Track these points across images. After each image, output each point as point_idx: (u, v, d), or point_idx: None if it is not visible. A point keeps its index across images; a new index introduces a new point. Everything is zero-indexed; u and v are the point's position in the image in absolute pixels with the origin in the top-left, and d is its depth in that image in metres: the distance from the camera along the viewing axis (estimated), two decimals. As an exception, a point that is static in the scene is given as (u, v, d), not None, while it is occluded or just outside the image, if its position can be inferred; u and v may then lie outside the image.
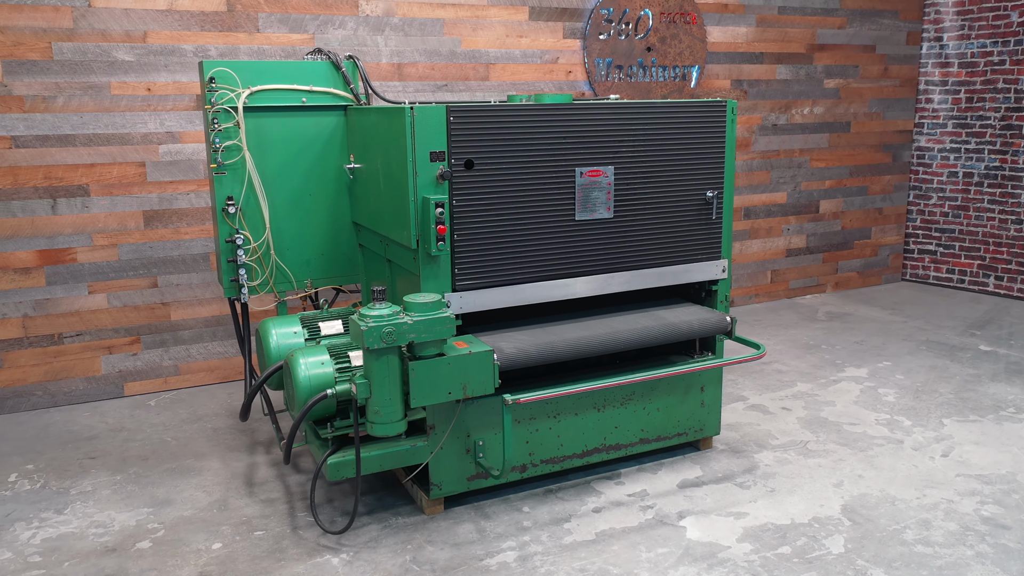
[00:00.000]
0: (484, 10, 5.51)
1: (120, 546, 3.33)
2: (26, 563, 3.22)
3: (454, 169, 3.30)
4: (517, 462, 3.65)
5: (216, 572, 3.14)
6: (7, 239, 4.58)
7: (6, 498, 3.75)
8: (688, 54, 6.24)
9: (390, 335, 2.96)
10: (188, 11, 4.75)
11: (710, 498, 3.67)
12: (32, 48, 4.46)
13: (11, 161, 4.52)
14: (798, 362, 5.52)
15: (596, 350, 3.55)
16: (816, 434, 4.34)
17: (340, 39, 5.15)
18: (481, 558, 3.21)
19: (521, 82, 5.72)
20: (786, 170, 6.95)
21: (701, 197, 3.83)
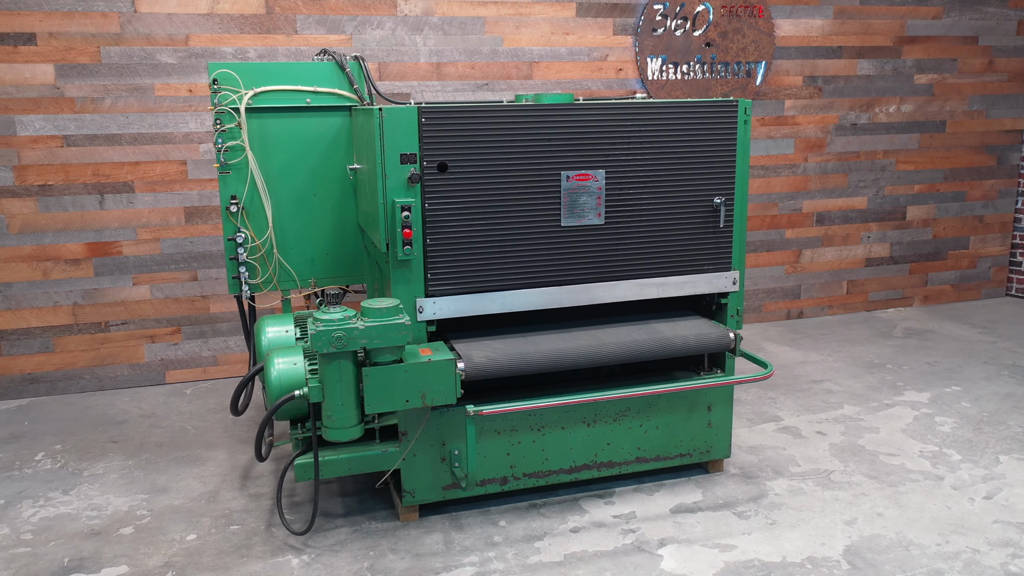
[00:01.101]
0: (528, 7, 5.39)
1: (105, 530, 3.47)
2: (18, 540, 3.40)
3: (426, 172, 3.21)
4: (497, 474, 3.53)
5: (180, 563, 3.21)
6: (59, 232, 4.88)
7: (25, 476, 3.99)
8: (752, 49, 5.87)
9: (339, 339, 2.92)
10: (228, 14, 4.89)
11: (701, 526, 3.42)
12: (82, 52, 4.73)
13: (63, 159, 4.81)
14: (853, 382, 5.08)
15: (575, 363, 3.37)
16: (845, 463, 3.97)
17: (378, 39, 5.17)
18: (438, 572, 3.12)
19: (567, 80, 5.56)
20: (867, 173, 6.42)
21: (708, 204, 3.57)
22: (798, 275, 6.43)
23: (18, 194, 4.78)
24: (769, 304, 6.40)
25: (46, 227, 4.86)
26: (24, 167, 4.76)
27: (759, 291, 6.35)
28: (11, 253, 4.84)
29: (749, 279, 6.30)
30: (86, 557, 3.25)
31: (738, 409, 4.67)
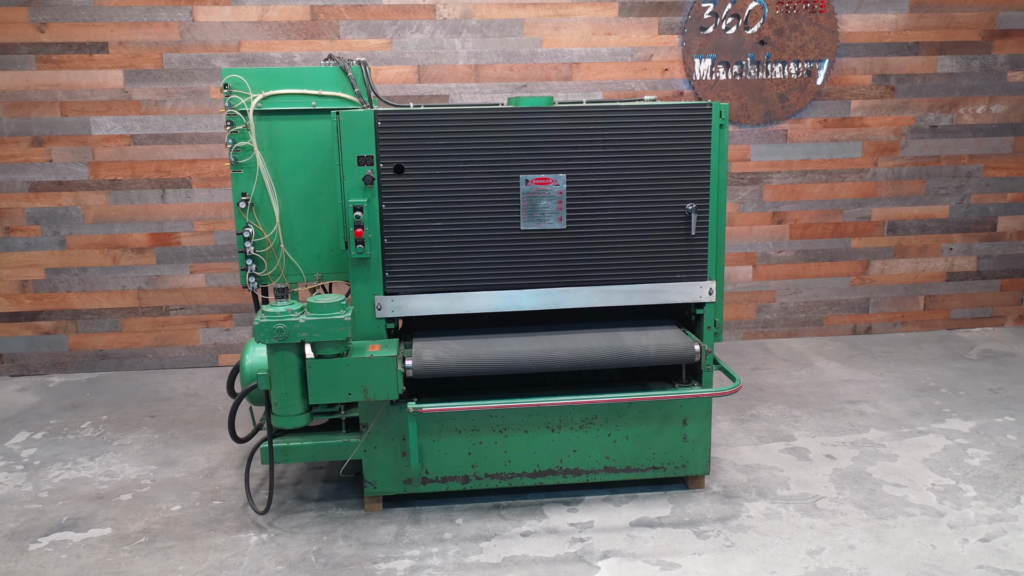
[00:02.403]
0: (568, 8, 5.37)
1: (108, 495, 3.82)
2: (35, 497, 3.82)
3: (383, 174, 3.32)
4: (458, 472, 3.59)
5: (156, 531, 3.49)
6: (126, 222, 5.39)
7: (67, 441, 4.46)
8: (813, 47, 5.55)
9: (281, 332, 3.08)
10: (276, 21, 5.21)
11: (653, 542, 3.33)
12: (147, 59, 5.18)
13: (130, 156, 5.30)
14: (892, 405, 4.72)
15: (526, 367, 3.37)
16: (840, 490, 3.72)
17: (417, 43, 5.33)
18: (375, 562, 3.23)
19: (608, 81, 5.49)
20: (949, 179, 5.91)
21: (680, 211, 3.46)
22: (866, 287, 6.02)
23: (92, 187, 5.32)
24: (832, 317, 6.03)
25: (115, 218, 5.38)
26: (97, 163, 5.29)
27: (820, 303, 6.00)
28: (86, 241, 5.39)
29: (808, 289, 5.97)
30: (82, 518, 3.61)
31: (751, 425, 4.47)
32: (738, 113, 5.61)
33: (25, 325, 5.47)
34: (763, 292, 5.94)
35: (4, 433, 4.57)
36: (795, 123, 5.69)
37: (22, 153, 5.24)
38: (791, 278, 5.94)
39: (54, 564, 3.24)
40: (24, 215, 5.32)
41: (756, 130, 5.67)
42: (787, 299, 5.97)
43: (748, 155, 5.71)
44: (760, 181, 5.76)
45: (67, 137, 5.24)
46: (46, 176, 5.28)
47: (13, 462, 4.19)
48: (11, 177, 5.26)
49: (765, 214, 5.82)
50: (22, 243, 5.36)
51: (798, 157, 5.75)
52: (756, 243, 5.85)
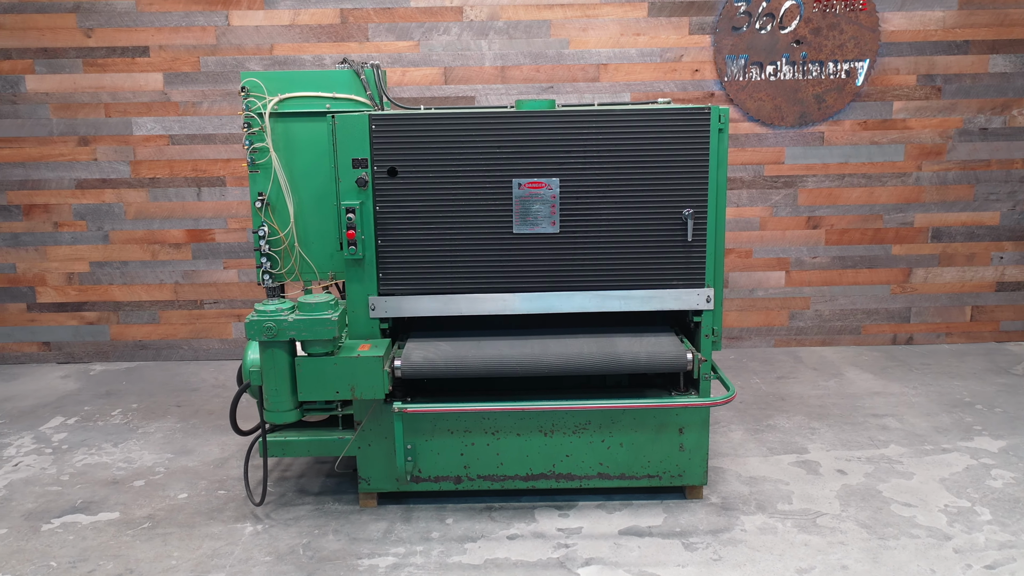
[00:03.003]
0: (595, 9, 5.32)
1: (123, 481, 3.99)
2: (56, 479, 4.02)
3: (377, 176, 3.36)
4: (451, 473, 3.61)
5: (160, 517, 3.63)
6: (165, 219, 5.60)
7: (97, 427, 4.67)
8: (852, 46, 5.36)
9: (270, 329, 3.16)
10: (307, 25, 5.33)
11: (639, 552, 3.28)
12: (185, 62, 5.38)
13: (168, 155, 5.51)
14: (920, 420, 4.52)
15: (513, 371, 3.36)
16: (845, 507, 3.59)
17: (444, 45, 5.37)
18: (360, 557, 3.28)
19: (637, 82, 5.42)
20: (1000, 185, 5.62)
21: (676, 216, 3.39)
22: (907, 296, 5.78)
23: (133, 185, 5.55)
24: (870, 326, 5.82)
25: (154, 214, 5.60)
26: (138, 162, 5.52)
27: (858, 311, 5.79)
28: (128, 236, 5.63)
29: (845, 297, 5.77)
30: (94, 501, 3.78)
31: (765, 436, 4.35)
32: (771, 115, 5.46)
33: (71, 315, 5.75)
34: (796, 299, 5.77)
35: (41, 417, 4.82)
36: (832, 125, 5.51)
37: (70, 152, 5.51)
38: (826, 285, 5.75)
39: (60, 545, 3.41)
40: (71, 211, 5.59)
41: (790, 132, 5.51)
42: (822, 306, 5.79)
43: (782, 158, 5.56)
44: (794, 185, 5.60)
45: (111, 137, 5.48)
46: (91, 174, 5.54)
47: (43, 445, 4.42)
48: (60, 175, 5.54)
49: (799, 218, 5.65)
50: (69, 237, 5.63)
51: (835, 160, 5.56)
52: (789, 248, 5.69)
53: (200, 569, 3.22)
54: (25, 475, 4.06)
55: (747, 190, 5.60)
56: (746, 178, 5.58)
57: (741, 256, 5.70)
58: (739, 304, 5.77)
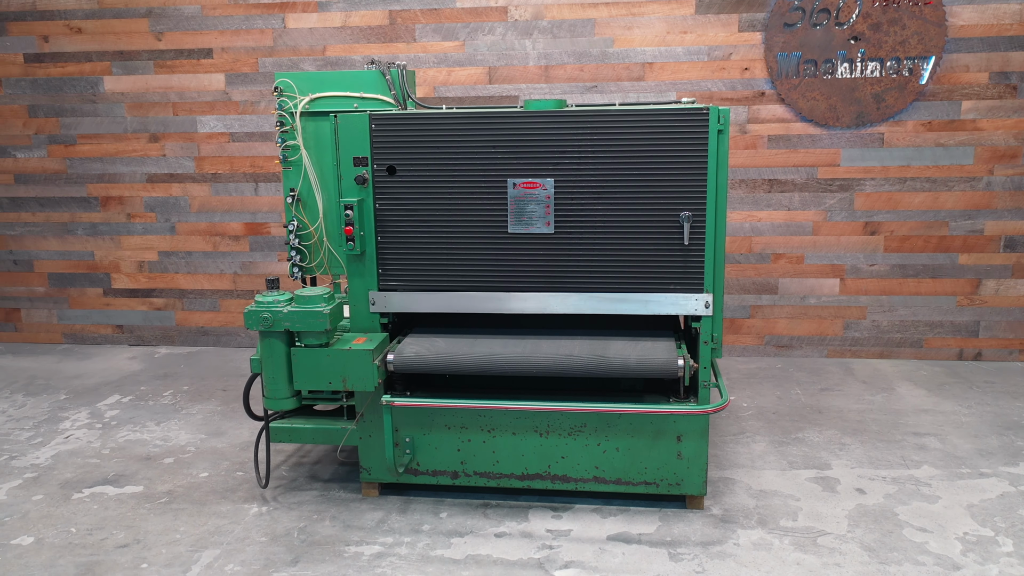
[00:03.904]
0: (641, 6, 5.24)
1: (155, 457, 4.25)
2: (98, 453, 4.32)
3: (377, 174, 3.45)
4: (448, 468, 3.66)
5: (178, 493, 3.85)
6: (225, 212, 5.90)
7: (147, 407, 4.98)
8: (915, 42, 5.05)
9: (266, 320, 3.30)
10: (358, 26, 5.49)
11: (622, 559, 3.23)
12: (245, 63, 5.65)
13: (229, 152, 5.80)
14: (963, 442, 4.23)
15: (502, 369, 3.37)
16: (853, 528, 3.41)
17: (489, 44, 5.42)
18: (348, 544, 3.37)
19: (683, 81, 5.30)
20: (1084, 191, 5.18)
21: (674, 220, 3.31)
22: (976, 309, 5.41)
23: (197, 180, 5.88)
24: (933, 339, 5.47)
25: (216, 208, 5.91)
26: (202, 158, 5.84)
27: (919, 323, 5.46)
28: (192, 228, 5.97)
29: (906, 307, 5.45)
30: (124, 475, 4.05)
31: (789, 449, 4.18)
32: (826, 115, 5.22)
33: (141, 301, 6.15)
34: (852, 308, 5.50)
35: (101, 395, 5.18)
36: (893, 126, 5.21)
37: (142, 148, 5.88)
38: (885, 294, 5.45)
39: (84, 513, 3.67)
40: (143, 203, 5.98)
41: (847, 133, 5.25)
42: (879, 317, 5.49)
43: (837, 160, 5.30)
44: (850, 188, 5.33)
45: (178, 134, 5.82)
46: (160, 169, 5.90)
47: (96, 420, 4.75)
48: (133, 169, 5.93)
49: (855, 224, 5.38)
50: (140, 228, 6.02)
51: (896, 163, 5.26)
52: (844, 255, 5.43)
53: (199, 544, 3.39)
54: (72, 447, 4.39)
55: (799, 193, 5.37)
56: (798, 181, 5.36)
57: (792, 261, 5.48)
58: (789, 311, 5.55)
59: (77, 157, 5.96)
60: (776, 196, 5.40)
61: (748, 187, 5.40)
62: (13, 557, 3.32)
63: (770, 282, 5.53)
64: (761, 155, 5.35)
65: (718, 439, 4.33)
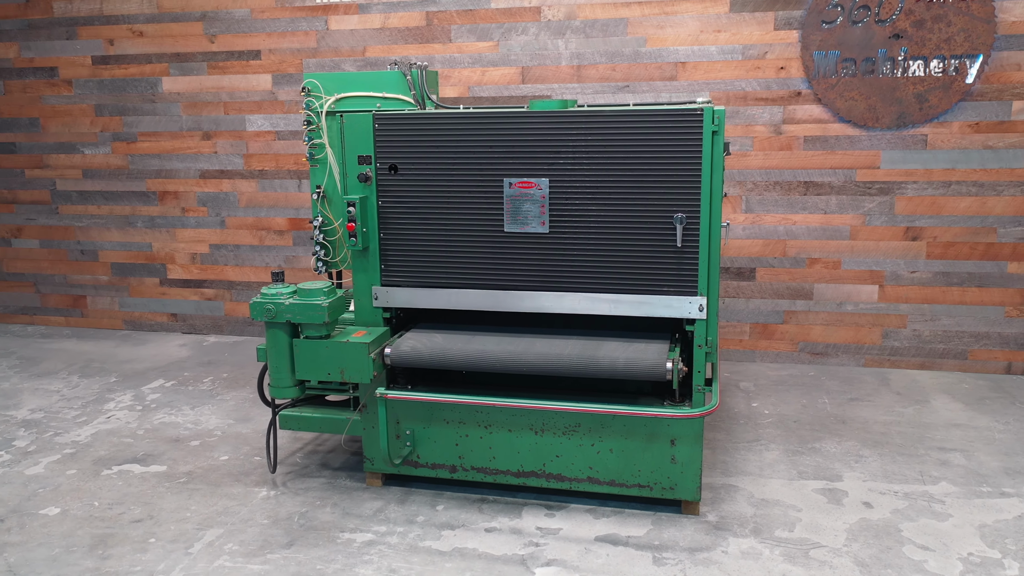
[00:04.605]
0: (674, 5, 5.19)
1: (182, 439, 4.48)
2: (133, 434, 4.58)
3: (380, 172, 3.55)
4: (446, 461, 3.73)
5: (197, 474, 4.05)
6: (270, 207, 6.14)
7: (186, 391, 5.24)
8: (962, 39, 4.84)
9: (269, 311, 3.44)
10: (396, 28, 5.62)
11: (604, 560, 3.24)
12: (290, 64, 5.86)
13: (275, 150, 6.03)
14: (992, 459, 4.04)
15: (493, 367, 3.42)
16: (851, 543, 3.32)
17: (522, 44, 5.46)
18: (343, 531, 3.49)
19: (716, 81, 5.22)
20: None
21: (668, 221, 3.29)
22: (1026, 320, 5.15)
23: (245, 176, 6.13)
24: (979, 351, 5.23)
25: (262, 203, 6.15)
26: (250, 155, 6.09)
27: (964, 333, 5.23)
28: (240, 222, 6.23)
29: (949, 317, 5.22)
30: (152, 455, 4.28)
31: (802, 459, 4.08)
32: (864, 115, 5.05)
33: (193, 291, 6.45)
34: (891, 316, 5.30)
35: (147, 379, 5.48)
36: (937, 127, 5.00)
37: (195, 145, 6.18)
38: (927, 302, 5.24)
39: (109, 488, 3.90)
40: (196, 198, 6.28)
41: (887, 134, 5.07)
42: (921, 326, 5.28)
43: (877, 162, 5.13)
44: (890, 192, 5.15)
45: (228, 132, 6.09)
46: (212, 165, 6.18)
47: (137, 403, 5.04)
48: (187, 165, 6.23)
49: (896, 228, 5.18)
50: (193, 222, 6.33)
51: (940, 166, 5.05)
52: (884, 261, 5.24)
53: (206, 523, 3.57)
54: (111, 427, 4.66)
55: (836, 196, 5.22)
56: (835, 183, 5.20)
57: (828, 267, 5.33)
58: (825, 318, 5.40)
59: (138, 154, 6.30)
60: (812, 199, 5.25)
61: (783, 189, 5.28)
62: (38, 526, 3.57)
63: (805, 287, 5.39)
64: (797, 156, 5.22)
65: (731, 445, 4.27)
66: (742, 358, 5.59)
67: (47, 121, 6.42)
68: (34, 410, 4.93)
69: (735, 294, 5.49)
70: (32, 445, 4.41)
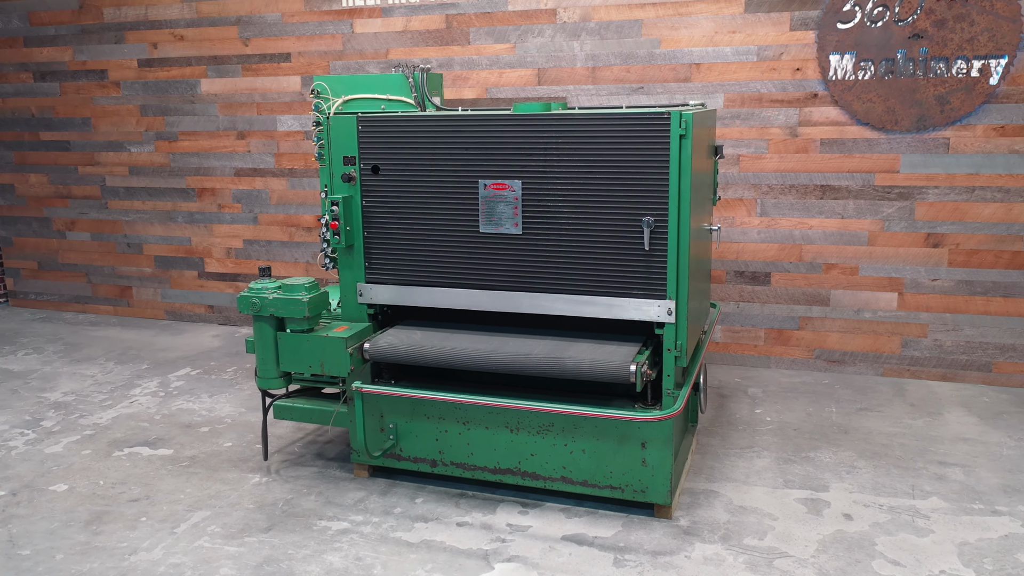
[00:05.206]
0: (688, 6, 5.14)
1: (194, 426, 4.70)
2: (150, 417, 4.83)
3: (364, 173, 3.66)
4: (427, 456, 3.82)
5: (200, 458, 4.25)
6: (299, 205, 6.35)
7: (208, 380, 5.48)
8: (985, 40, 4.65)
9: (255, 305, 3.60)
10: (417, 30, 5.74)
11: (566, 559, 3.27)
12: (318, 66, 6.05)
13: (303, 149, 6.24)
14: (993, 475, 3.89)
15: (463, 364, 3.49)
16: (819, 554, 3.26)
17: (538, 46, 5.50)
18: (322, 518, 3.62)
19: (731, 83, 5.16)
20: None
21: (636, 224, 3.30)
22: (1056, 333, 4.91)
23: (276, 175, 6.36)
24: (1003, 364, 5.02)
25: (292, 201, 6.37)
26: (280, 154, 6.31)
27: (988, 345, 5.02)
28: (271, 219, 6.47)
29: (973, 327, 5.03)
30: (163, 439, 4.51)
31: (792, 467, 4.02)
32: (883, 118, 4.91)
33: (229, 284, 6.73)
34: (911, 325, 5.14)
35: (176, 367, 5.76)
36: (960, 130, 4.82)
37: (231, 145, 6.44)
38: (949, 312, 5.06)
39: (116, 469, 4.14)
40: (231, 195, 6.54)
41: (907, 137, 4.91)
42: (942, 336, 5.09)
43: (896, 166, 4.97)
44: (910, 196, 4.99)
45: (260, 132, 6.33)
46: (245, 164, 6.43)
47: (160, 389, 5.30)
48: (223, 163, 6.50)
49: (916, 235, 5.02)
50: (228, 217, 6.60)
51: (963, 170, 4.87)
52: (903, 268, 5.08)
53: (196, 505, 3.76)
54: (132, 411, 4.93)
55: (854, 200, 5.09)
56: (853, 187, 5.07)
57: (845, 272, 5.20)
58: (842, 325, 5.27)
59: (178, 152, 6.61)
60: (828, 203, 5.13)
61: (799, 192, 5.17)
62: (45, 501, 3.82)
63: (821, 293, 5.27)
64: (813, 160, 5.11)
65: (723, 451, 4.23)
66: (757, 363, 5.50)
67: (98, 120, 6.79)
68: (67, 393, 5.25)
69: (750, 299, 5.41)
70: (57, 426, 4.70)
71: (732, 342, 5.52)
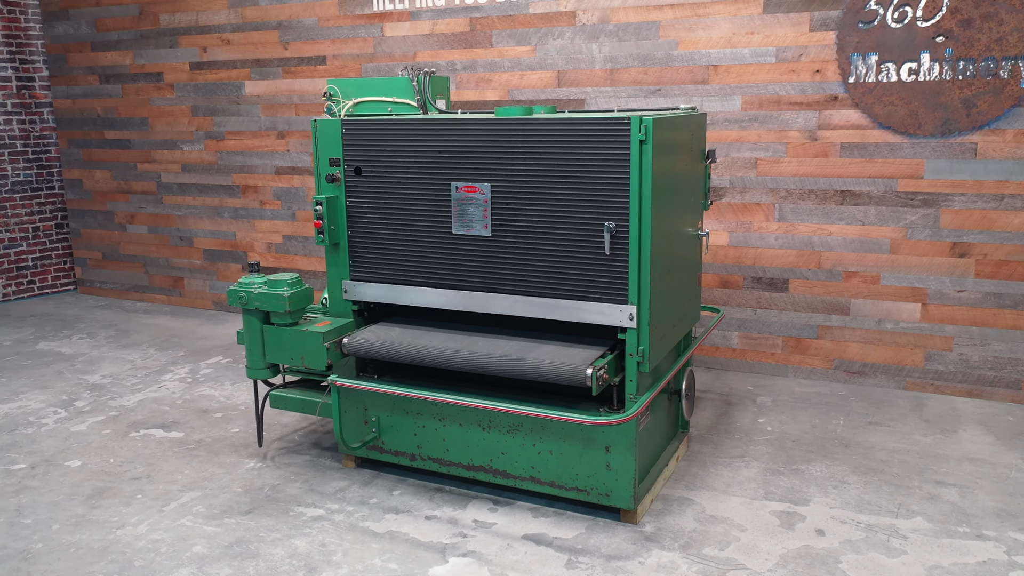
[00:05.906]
0: (706, 7, 5.06)
1: (210, 411, 4.95)
2: (172, 404, 5.11)
3: (348, 174, 3.78)
4: (406, 449, 3.92)
5: (206, 441, 4.49)
6: (333, 203, 6.56)
7: (234, 368, 5.74)
8: (1015, 40, 4.40)
9: (242, 299, 3.78)
10: (443, 33, 5.85)
11: (520, 557, 3.31)
12: (351, 69, 6.24)
13: (336, 149, 6.44)
14: (991, 498, 3.70)
15: (431, 362, 3.58)
16: (777, 570, 3.19)
17: (557, 48, 5.52)
18: (300, 504, 3.77)
19: (749, 85, 5.05)
20: None
21: (599, 228, 3.30)
22: (1092, 351, 4.60)
23: (312, 173, 6.59)
24: (1035, 382, 4.75)
25: (326, 199, 6.59)
26: (316, 154, 6.54)
27: (1018, 361, 4.75)
28: (308, 215, 6.71)
29: (1002, 342, 4.77)
30: (177, 422, 4.77)
31: (777, 479, 3.92)
32: (905, 121, 4.71)
33: (269, 277, 7.01)
34: (935, 337, 4.91)
35: (209, 355, 6.06)
36: (988, 134, 4.58)
37: (271, 144, 6.72)
38: (976, 324, 4.81)
39: (128, 449, 4.41)
40: (271, 192, 6.83)
41: (931, 142, 4.70)
42: (968, 350, 4.85)
43: (920, 172, 4.77)
44: (935, 204, 4.77)
45: (299, 132, 6.58)
46: (285, 163, 6.70)
47: (189, 376, 5.60)
48: (265, 162, 6.79)
49: (941, 243, 4.80)
50: (269, 214, 6.88)
51: (991, 177, 4.62)
52: (927, 277, 4.86)
53: (189, 486, 3.97)
54: (157, 395, 5.23)
55: (875, 207, 4.90)
56: (874, 193, 4.89)
57: (866, 281, 5.01)
58: (862, 335, 5.08)
59: (225, 151, 6.94)
60: (849, 209, 4.96)
61: (817, 198, 5.02)
62: (58, 475, 4.12)
63: (841, 302, 5.10)
64: (832, 164, 4.95)
65: (711, 459, 4.16)
66: (774, 372, 5.37)
67: (154, 120, 7.20)
68: (105, 376, 5.61)
69: (767, 305, 5.29)
70: (88, 406, 5.04)
71: (749, 349, 5.40)
